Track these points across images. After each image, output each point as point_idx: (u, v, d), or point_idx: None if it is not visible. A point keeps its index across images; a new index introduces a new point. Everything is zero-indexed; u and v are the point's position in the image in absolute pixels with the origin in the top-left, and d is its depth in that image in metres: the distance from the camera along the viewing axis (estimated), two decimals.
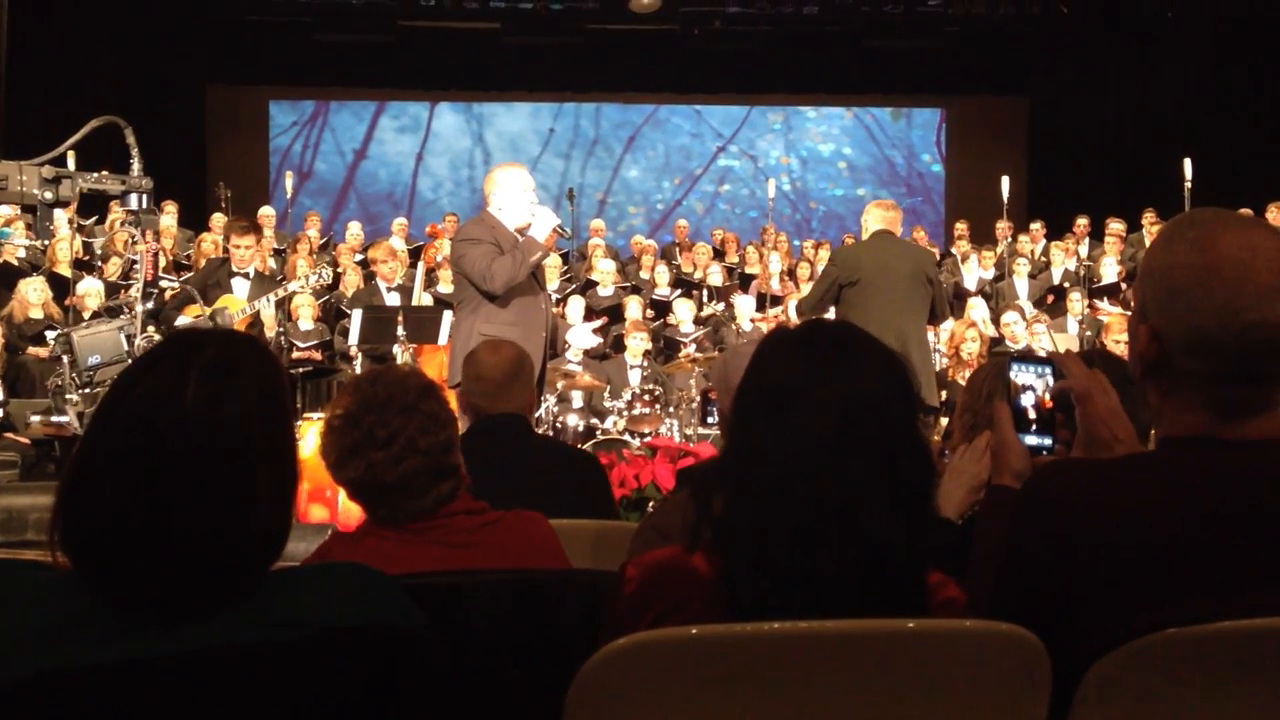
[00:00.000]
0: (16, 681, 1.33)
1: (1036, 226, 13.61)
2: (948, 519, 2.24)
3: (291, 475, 1.47)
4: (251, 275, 7.89)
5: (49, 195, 3.96)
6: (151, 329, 4.43)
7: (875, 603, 1.60)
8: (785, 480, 1.61)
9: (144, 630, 1.36)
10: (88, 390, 4.18)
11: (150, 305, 4.39)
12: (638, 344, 9.76)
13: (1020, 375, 1.94)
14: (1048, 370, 1.94)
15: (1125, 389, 1.86)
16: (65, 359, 4.22)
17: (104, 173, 4.12)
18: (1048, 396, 1.93)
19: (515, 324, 5.39)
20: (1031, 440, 1.93)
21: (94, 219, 11.86)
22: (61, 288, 9.93)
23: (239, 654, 1.37)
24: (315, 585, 1.45)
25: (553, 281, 11.99)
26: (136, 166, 4.11)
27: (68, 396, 4.19)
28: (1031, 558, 1.65)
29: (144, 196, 4.11)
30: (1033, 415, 1.94)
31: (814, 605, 1.58)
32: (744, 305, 11.19)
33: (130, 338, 4.34)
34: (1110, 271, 11.29)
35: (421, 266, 9.75)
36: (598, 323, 9.08)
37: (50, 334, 4.21)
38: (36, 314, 9.68)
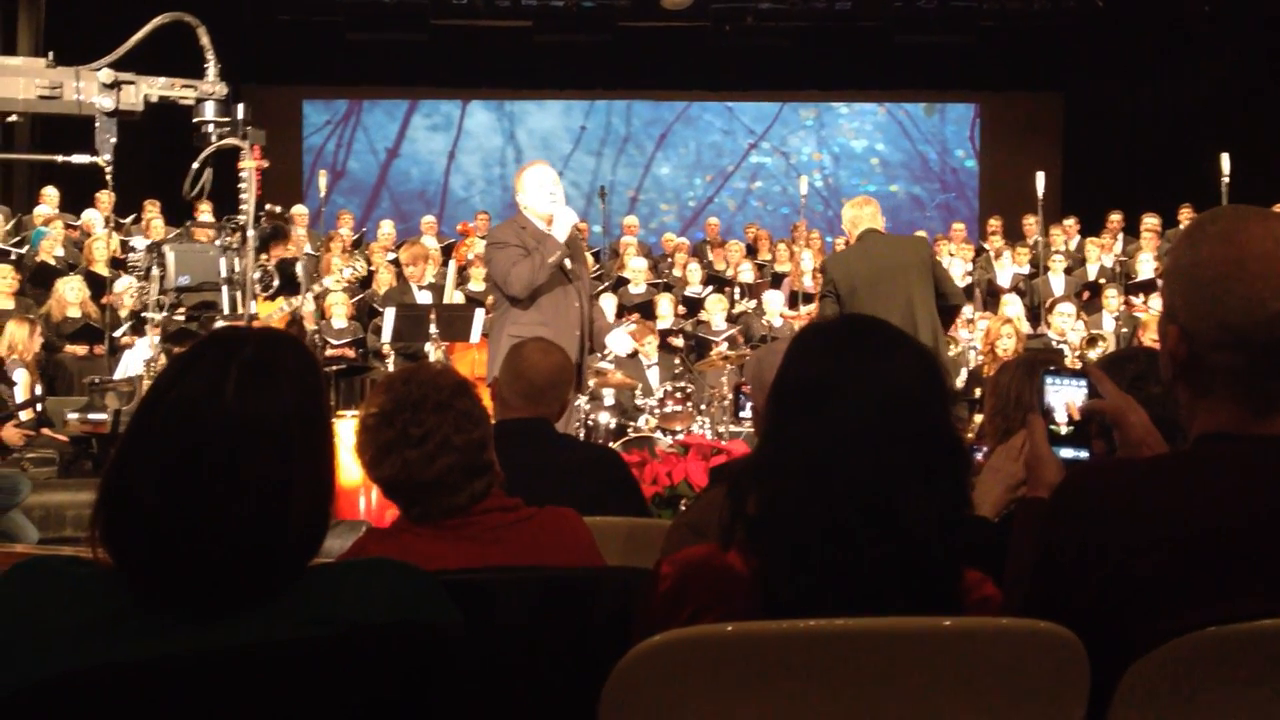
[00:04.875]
0: (57, 676, 1.34)
1: (1070, 222, 13.51)
2: (984, 517, 2.23)
3: (329, 473, 1.48)
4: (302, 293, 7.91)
5: (109, 103, 3.56)
6: (265, 259, 3.93)
7: (912, 600, 1.60)
8: (821, 475, 1.61)
9: (182, 626, 1.37)
10: (160, 312, 3.77)
11: (262, 229, 3.87)
12: (649, 346, 9.77)
13: (1053, 387, 1.93)
14: (1081, 382, 1.93)
15: (1167, 390, 1.85)
16: (155, 272, 3.77)
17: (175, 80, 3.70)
18: (1077, 408, 1.92)
19: (546, 324, 5.39)
20: (1067, 453, 1.91)
21: (131, 217, 11.96)
22: (98, 287, 10.02)
23: (277, 650, 1.38)
24: (353, 581, 1.46)
25: None
26: (212, 71, 3.71)
27: (149, 315, 3.79)
28: (1066, 560, 1.64)
29: (244, 106, 3.72)
30: (1066, 428, 1.92)
31: (850, 602, 1.58)
32: (775, 302, 11.16)
33: (232, 267, 3.78)
34: (1147, 268, 11.20)
35: (453, 264, 9.78)
36: (632, 325, 9.07)
37: (141, 242, 3.75)
38: (74, 313, 9.77)
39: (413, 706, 1.42)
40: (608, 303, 10.61)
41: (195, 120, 3.73)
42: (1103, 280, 11.46)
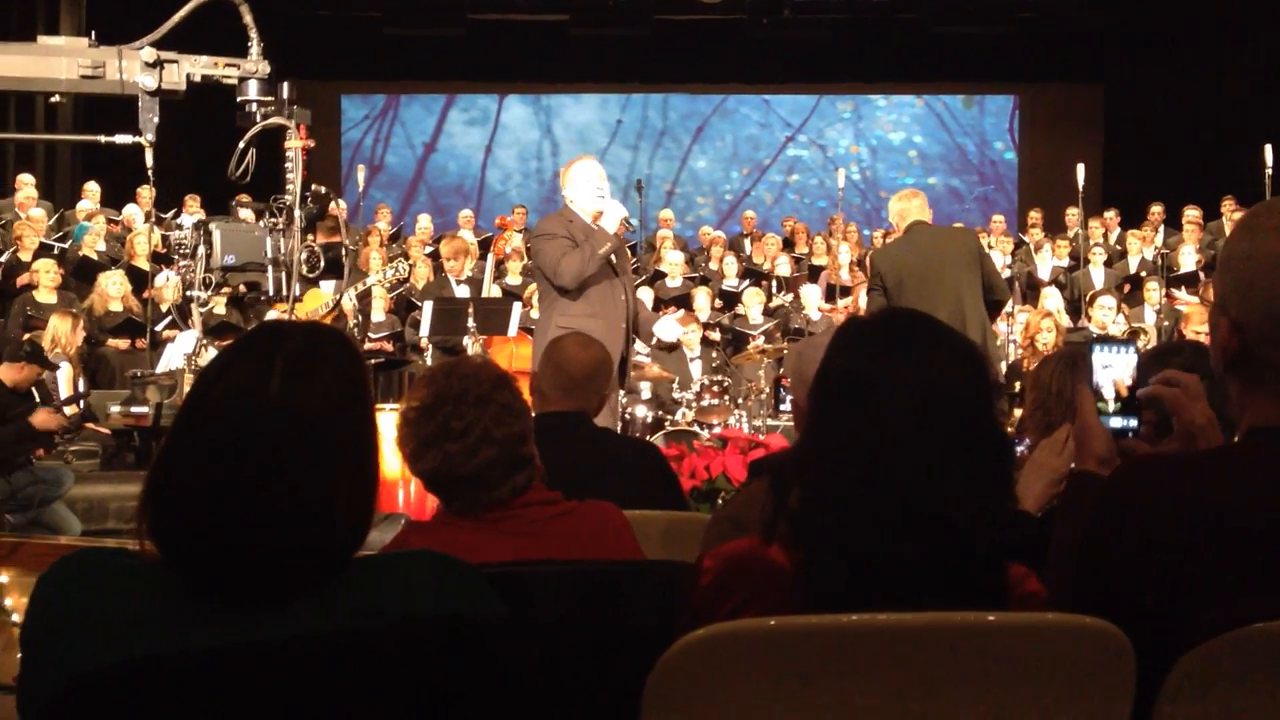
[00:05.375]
0: (104, 668, 1.35)
1: (1110, 214, 13.39)
2: (1027, 512, 2.22)
3: (373, 465, 1.48)
4: (344, 280, 7.95)
5: (151, 82, 3.51)
6: (312, 239, 3.82)
7: (956, 594, 1.59)
8: (865, 469, 1.60)
9: (228, 618, 1.38)
10: (206, 291, 3.68)
11: (309, 209, 3.79)
12: (692, 336, 9.77)
13: (1101, 357, 1.91)
14: (1129, 351, 1.91)
15: (1214, 383, 1.83)
16: (201, 251, 3.68)
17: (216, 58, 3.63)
18: (1126, 381, 1.90)
19: (594, 315, 5.41)
20: (1116, 422, 1.89)
21: (172, 212, 12.07)
22: (140, 281, 10.12)
23: (321, 642, 1.38)
24: (398, 574, 1.47)
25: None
26: (255, 49, 3.66)
27: (195, 293, 3.68)
28: (1114, 555, 1.63)
29: (289, 85, 3.66)
30: (1115, 397, 1.90)
31: (893, 596, 1.57)
32: (812, 296, 11.13)
33: (278, 248, 3.72)
34: (1189, 260, 11.09)
35: (491, 258, 9.81)
36: (680, 313, 9.07)
37: (190, 219, 3.69)
38: (116, 307, 9.87)
39: (457, 699, 1.42)
40: (644, 296, 10.60)
41: (239, 100, 3.70)
42: (1144, 273, 11.36)
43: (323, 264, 3.72)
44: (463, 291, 10.43)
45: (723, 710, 1.59)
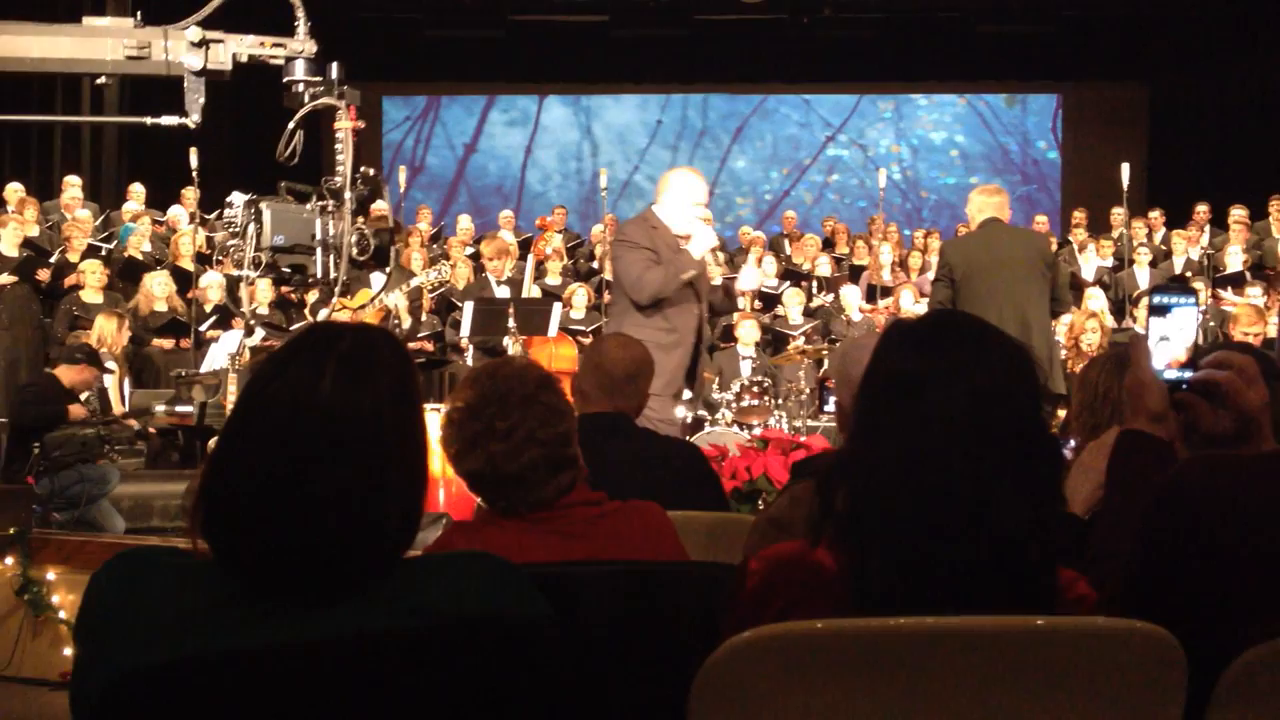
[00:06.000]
0: (156, 665, 1.36)
1: (1155, 214, 13.26)
2: (1075, 514, 2.20)
3: (423, 465, 1.49)
4: (390, 270, 8.00)
5: (197, 62, 3.46)
6: (363, 222, 3.75)
7: (1005, 598, 1.57)
8: (915, 472, 1.59)
9: (279, 616, 1.39)
10: (255, 270, 3.57)
11: (359, 191, 3.71)
12: (749, 333, 9.74)
13: (1160, 304, 1.88)
14: (1191, 301, 1.87)
15: (1271, 385, 1.80)
16: (251, 230, 3.57)
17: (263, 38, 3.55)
18: (1184, 354, 1.86)
19: (670, 329, 5.33)
20: (1171, 374, 1.86)
21: (215, 213, 12.17)
22: (185, 281, 10.21)
23: (370, 641, 1.39)
24: (446, 574, 1.48)
25: None
26: (302, 28, 3.59)
27: (244, 272, 3.56)
28: (1170, 555, 1.61)
29: (338, 65, 3.58)
30: (1174, 348, 1.87)
31: (943, 599, 1.56)
32: (852, 296, 11.08)
33: (327, 230, 3.63)
34: (1235, 260, 10.96)
35: (531, 259, 9.84)
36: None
37: (239, 198, 3.57)
38: (161, 307, 9.97)
39: (503, 699, 1.43)
40: None
41: (285, 80, 3.65)
42: (1189, 273, 11.23)
43: (373, 247, 3.68)
44: (503, 292, 10.47)
45: (769, 713, 1.58)
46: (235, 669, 1.37)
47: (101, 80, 3.67)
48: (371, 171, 3.70)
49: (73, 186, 11.85)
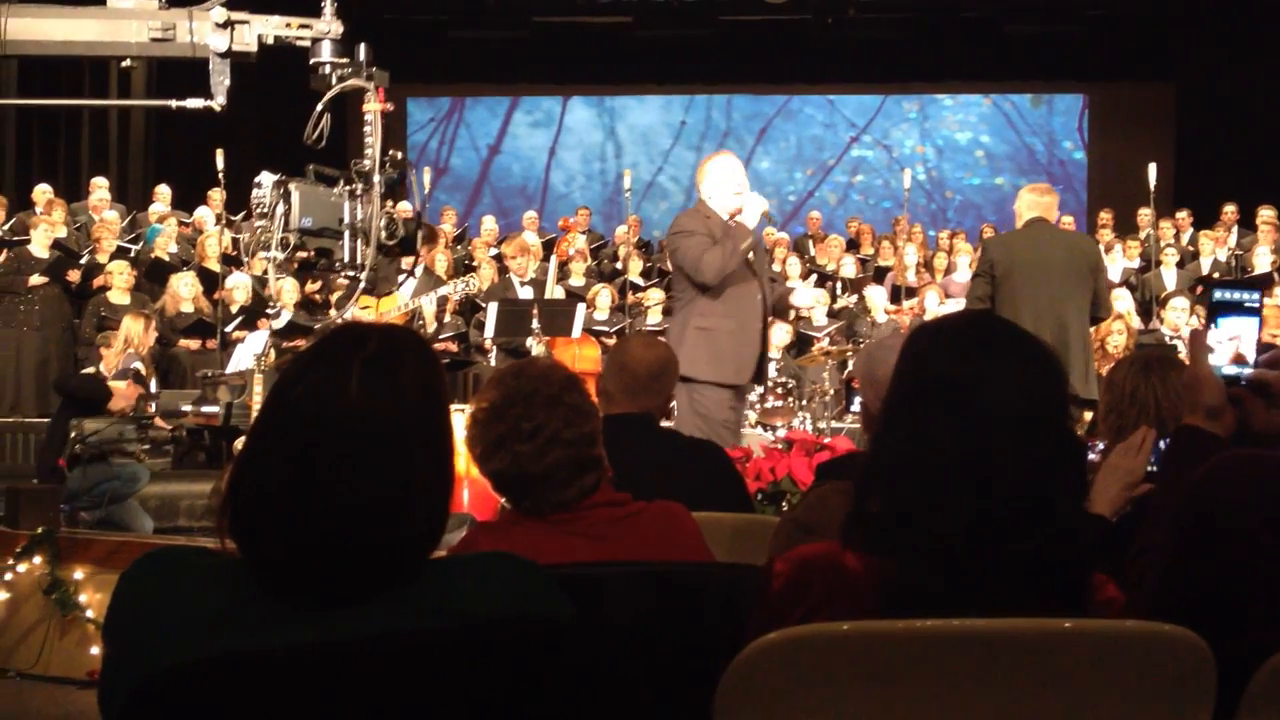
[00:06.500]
0: (184, 664, 1.37)
1: (1183, 214, 13.18)
2: (1102, 515, 2.19)
3: (449, 467, 1.49)
4: (419, 274, 8.03)
5: (222, 43, 3.44)
6: (391, 206, 3.66)
7: (1040, 600, 1.56)
8: (951, 473, 1.58)
9: (307, 616, 1.40)
10: (283, 252, 3.49)
11: (388, 174, 3.62)
12: (780, 336, 9.72)
13: (1225, 296, 1.87)
14: (1255, 296, 1.87)
15: None
16: (280, 210, 3.52)
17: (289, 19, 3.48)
18: (1244, 350, 1.85)
19: (729, 316, 5.40)
20: (1230, 369, 1.85)
21: (242, 214, 12.24)
22: (211, 282, 10.27)
23: (398, 641, 1.39)
24: (472, 575, 1.48)
25: None
26: (328, 9, 3.57)
27: (273, 254, 3.49)
28: (1199, 553, 1.60)
29: (366, 47, 3.54)
30: (1232, 345, 1.86)
31: (981, 601, 1.55)
32: (877, 297, 11.05)
33: (355, 214, 3.57)
34: (1263, 261, 10.88)
35: (554, 260, 9.85)
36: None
37: (269, 178, 3.49)
38: (187, 308, 10.03)
39: (529, 700, 1.43)
40: None
41: (312, 62, 3.63)
42: (1217, 274, 11.16)
43: (402, 232, 3.66)
44: (526, 293, 10.48)
45: (795, 715, 1.58)
46: (262, 669, 1.38)
47: (127, 63, 3.65)
48: (400, 155, 3.67)
49: (100, 188, 11.94)
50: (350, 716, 1.38)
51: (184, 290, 10.05)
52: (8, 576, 4.92)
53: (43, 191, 11.46)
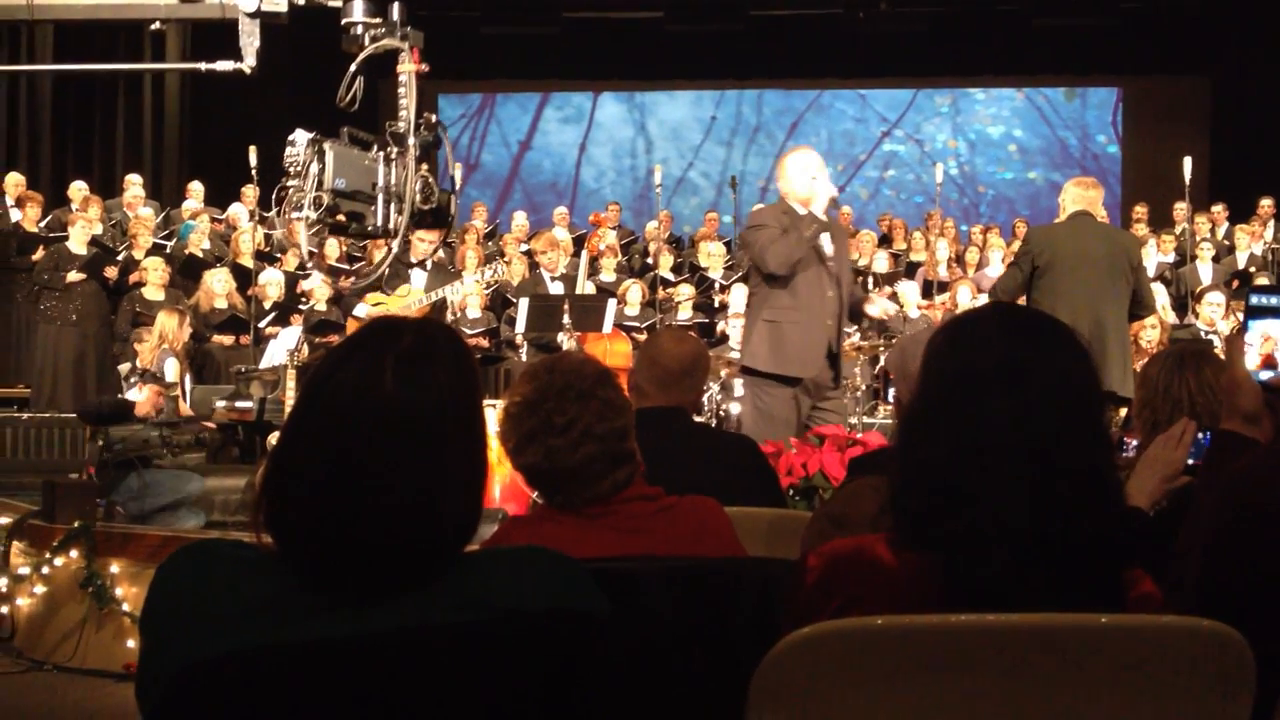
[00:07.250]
0: (220, 656, 1.38)
1: (1218, 208, 13.05)
2: (1140, 509, 2.17)
3: (483, 460, 1.50)
4: (429, 267, 8.04)
5: (251, 4, 3.43)
6: (426, 169, 3.59)
7: (1078, 595, 1.55)
8: (1000, 469, 1.56)
9: (342, 609, 1.40)
10: (315, 211, 3.40)
11: (423, 136, 3.55)
12: None
13: (1261, 300, 1.86)
14: None
15: None
16: (314, 169, 3.44)
17: None
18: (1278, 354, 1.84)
19: (796, 309, 5.43)
20: (1266, 374, 1.84)
21: (274, 211, 12.30)
22: (244, 278, 10.34)
23: (433, 634, 1.40)
24: (506, 568, 1.48)
25: (716, 270, 11.98)
26: None
27: (305, 214, 3.41)
28: (1235, 551, 1.59)
29: (398, 6, 3.47)
30: (1263, 370, 1.85)
31: (1024, 596, 1.54)
32: (909, 292, 11.00)
33: (389, 178, 3.49)
34: None
35: (585, 255, 9.85)
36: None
37: (303, 136, 3.45)
38: (221, 304, 10.10)
39: (562, 693, 1.43)
40: (739, 292, 10.56)
41: (344, 22, 3.56)
42: (1253, 268, 11.06)
43: (437, 197, 3.61)
44: (557, 288, 10.49)
45: (828, 709, 1.57)
46: (298, 661, 1.38)
47: (155, 25, 3.62)
48: (434, 118, 3.61)
49: (134, 185, 12.02)
50: (385, 709, 1.38)
51: (218, 286, 10.11)
52: (45, 570, 4.97)
53: (79, 189, 11.55)
